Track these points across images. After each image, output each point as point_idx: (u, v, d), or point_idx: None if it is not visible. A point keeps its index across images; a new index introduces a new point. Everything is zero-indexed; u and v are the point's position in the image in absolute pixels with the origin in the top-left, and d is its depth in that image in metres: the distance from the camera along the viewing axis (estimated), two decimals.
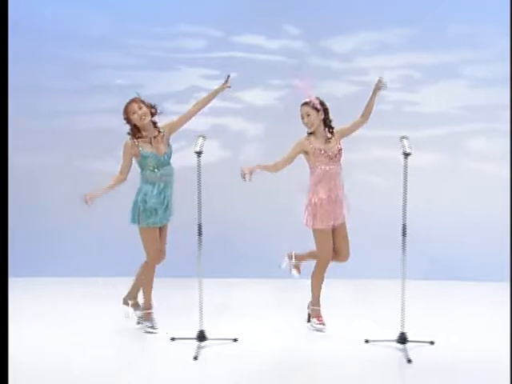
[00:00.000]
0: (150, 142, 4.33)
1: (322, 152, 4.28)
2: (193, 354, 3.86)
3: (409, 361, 3.75)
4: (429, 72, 5.92)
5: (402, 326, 3.98)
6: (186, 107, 6.04)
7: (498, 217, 5.74)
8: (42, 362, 3.83)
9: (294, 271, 4.64)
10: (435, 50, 5.89)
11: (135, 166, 4.39)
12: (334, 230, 4.38)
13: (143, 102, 4.33)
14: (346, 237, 4.44)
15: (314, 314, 4.46)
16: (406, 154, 3.92)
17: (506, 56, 5.70)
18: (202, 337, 4.03)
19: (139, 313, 4.46)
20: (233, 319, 4.66)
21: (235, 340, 4.14)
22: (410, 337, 3.98)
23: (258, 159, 5.92)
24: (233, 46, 6.02)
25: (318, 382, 3.56)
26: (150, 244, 4.32)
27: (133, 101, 4.31)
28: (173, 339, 4.13)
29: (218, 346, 4.06)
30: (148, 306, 4.46)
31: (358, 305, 5.03)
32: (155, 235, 4.35)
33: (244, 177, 4.16)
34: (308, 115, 4.30)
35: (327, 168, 4.28)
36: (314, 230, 4.32)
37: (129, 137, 4.33)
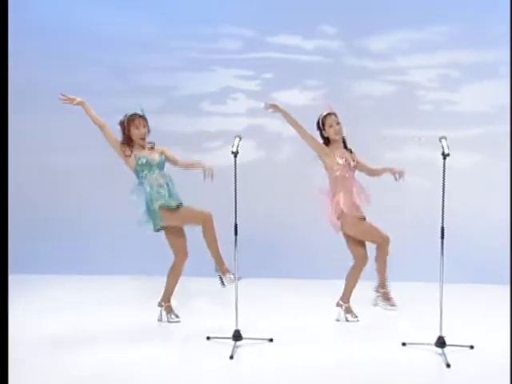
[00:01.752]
0: (143, 148, 4.47)
1: (344, 160, 4.42)
2: (229, 354, 3.87)
3: (448, 365, 3.68)
4: (468, 71, 5.83)
5: (441, 329, 3.91)
6: (222, 108, 6.14)
7: None
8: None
9: (349, 316, 4.65)
10: (474, 49, 5.82)
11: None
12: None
13: (147, 123, 4.48)
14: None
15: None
16: (445, 155, 3.85)
17: None
18: (237, 336, 4.04)
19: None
20: (268, 319, 4.65)
21: (271, 340, 4.13)
22: (448, 341, 3.91)
23: (293, 160, 5.97)
24: (268, 46, 6.03)
25: None
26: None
27: (141, 117, 4.44)
28: (208, 338, 4.15)
29: (253, 345, 4.07)
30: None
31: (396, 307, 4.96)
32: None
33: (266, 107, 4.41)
34: (338, 123, 4.46)
35: (346, 175, 4.41)
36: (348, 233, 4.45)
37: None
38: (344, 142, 4.56)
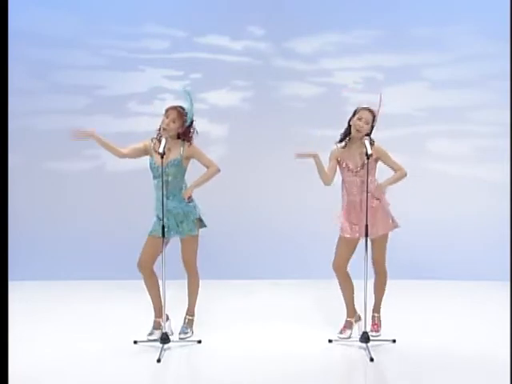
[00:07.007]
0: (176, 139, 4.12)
1: (345, 165, 4.18)
2: (156, 357, 3.82)
3: (371, 359, 3.79)
4: (391, 74, 6.00)
5: (365, 325, 4.02)
6: (149, 108, 6.05)
7: (457, 216, 5.91)
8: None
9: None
10: (398, 52, 5.99)
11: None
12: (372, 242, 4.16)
13: (182, 115, 4.06)
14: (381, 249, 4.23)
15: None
16: (368, 155, 3.95)
17: (467, 59, 5.91)
18: (165, 339, 3.99)
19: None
20: (198, 321, 4.62)
21: (199, 342, 4.11)
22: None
23: (222, 160, 5.95)
24: (197, 46, 6.00)
25: (282, 382, 3.56)
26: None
27: (174, 108, 4.06)
28: (135, 342, 4.08)
29: (181, 348, 4.04)
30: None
31: (321, 305, 5.05)
32: (149, 243, 4.15)
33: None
34: (367, 123, 4.12)
35: (349, 180, 4.16)
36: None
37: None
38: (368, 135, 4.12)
